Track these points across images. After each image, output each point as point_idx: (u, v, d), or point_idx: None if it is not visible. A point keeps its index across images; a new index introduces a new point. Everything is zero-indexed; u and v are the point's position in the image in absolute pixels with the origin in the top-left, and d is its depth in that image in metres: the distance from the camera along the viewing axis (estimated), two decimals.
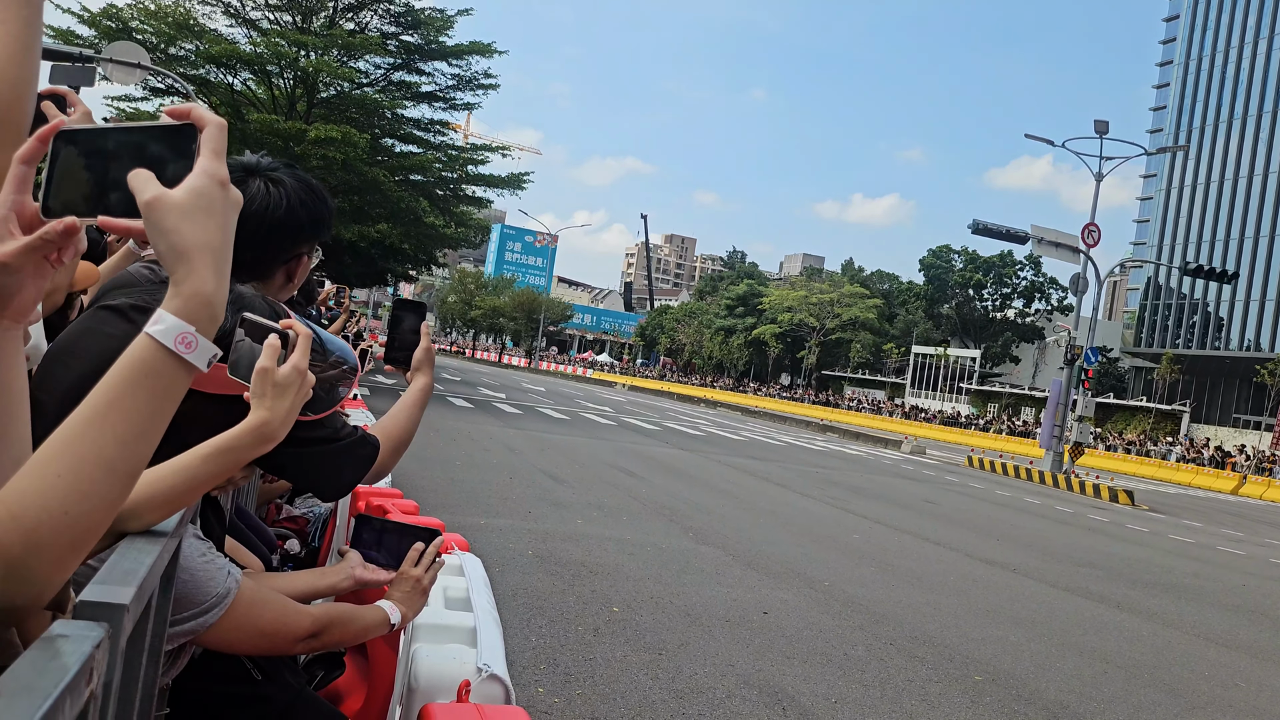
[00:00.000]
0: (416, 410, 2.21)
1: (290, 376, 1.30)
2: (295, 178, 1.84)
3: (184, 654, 1.58)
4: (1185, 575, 12.16)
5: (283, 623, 1.66)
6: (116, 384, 0.92)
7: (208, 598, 1.47)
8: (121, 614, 0.81)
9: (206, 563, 1.49)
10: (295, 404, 1.31)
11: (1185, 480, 41.60)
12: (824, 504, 14.43)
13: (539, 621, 5.97)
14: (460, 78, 35.57)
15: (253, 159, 1.85)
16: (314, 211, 1.85)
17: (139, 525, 1.13)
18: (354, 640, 1.94)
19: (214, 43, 30.50)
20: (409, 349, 2.32)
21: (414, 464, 12.18)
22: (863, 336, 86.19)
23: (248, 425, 1.28)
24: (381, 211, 34.52)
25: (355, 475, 1.91)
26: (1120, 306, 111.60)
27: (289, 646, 1.70)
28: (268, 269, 1.86)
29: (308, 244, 1.91)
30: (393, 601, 2.01)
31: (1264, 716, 6.15)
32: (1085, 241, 29.29)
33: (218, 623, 1.49)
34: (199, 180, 0.93)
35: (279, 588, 1.90)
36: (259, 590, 1.61)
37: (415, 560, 2.09)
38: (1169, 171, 79.20)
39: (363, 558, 2.13)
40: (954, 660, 6.43)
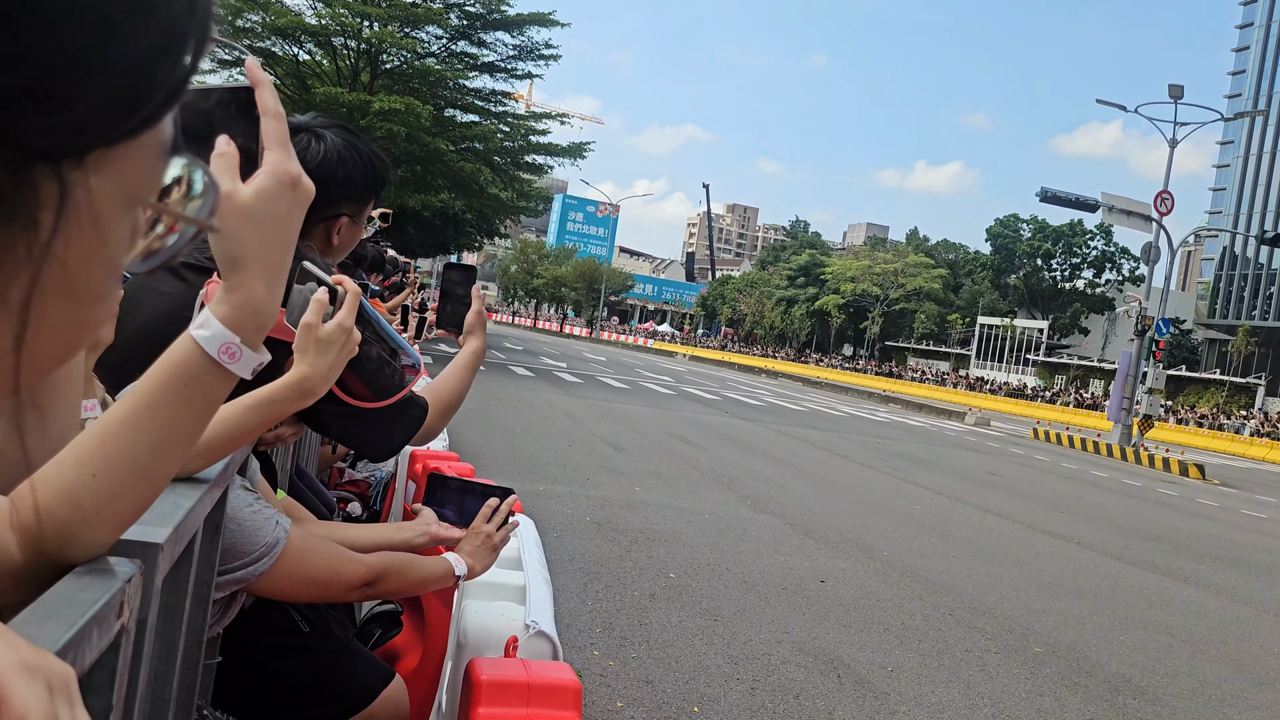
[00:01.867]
0: (467, 373, 2.21)
1: (335, 333, 1.29)
2: (343, 137, 1.85)
3: (235, 603, 1.61)
4: (1256, 551, 11.89)
5: (335, 571, 1.68)
6: (155, 387, 0.90)
7: (256, 547, 1.50)
8: (156, 552, 0.83)
9: (254, 513, 1.51)
10: (339, 361, 1.31)
11: (1259, 455, 40.59)
12: (884, 475, 14.32)
13: (595, 586, 6.02)
14: (521, 48, 35.58)
15: (306, 118, 1.86)
16: (351, 170, 1.85)
17: (183, 473, 1.14)
18: (413, 590, 1.95)
19: (280, 14, 30.83)
20: (461, 312, 2.32)
21: (475, 431, 12.31)
22: (927, 307, 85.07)
23: (290, 379, 1.29)
24: (444, 181, 34.76)
25: (404, 435, 1.92)
26: (1194, 277, 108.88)
27: (344, 594, 1.73)
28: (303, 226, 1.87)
29: (348, 205, 1.91)
30: (462, 554, 2.03)
31: None
32: (1158, 209, 28.54)
33: (268, 571, 1.51)
34: (267, 181, 0.89)
35: (351, 539, 1.93)
36: (309, 539, 1.64)
37: (488, 517, 2.11)
38: (1247, 138, 76.85)
39: (436, 516, 2.16)
40: (1014, 632, 6.36)
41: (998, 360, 78.74)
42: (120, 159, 0.41)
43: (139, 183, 0.44)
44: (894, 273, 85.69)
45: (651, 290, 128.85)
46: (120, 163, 0.41)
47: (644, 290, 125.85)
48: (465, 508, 2.17)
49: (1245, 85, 78.34)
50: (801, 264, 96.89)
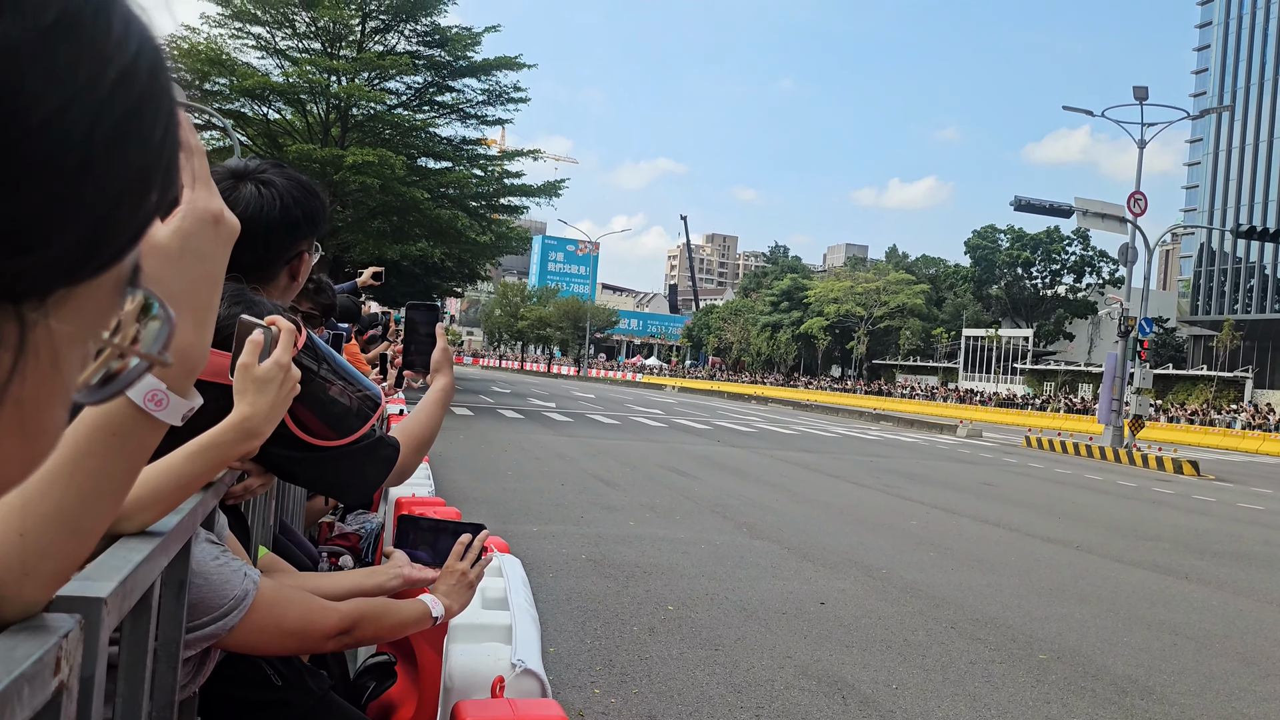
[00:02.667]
0: (438, 409, 2.20)
1: (272, 372, 1.28)
2: (285, 176, 1.85)
3: (209, 660, 1.58)
4: (1255, 543, 11.88)
5: (309, 621, 1.64)
6: (82, 439, 0.86)
7: (225, 600, 1.47)
8: (99, 607, 0.80)
9: (220, 565, 1.48)
10: (280, 399, 1.29)
11: (1252, 448, 40.69)
12: (879, 492, 14.29)
13: (594, 624, 5.96)
14: (490, 93, 35.80)
15: (241, 163, 1.86)
16: (308, 207, 1.86)
17: (132, 527, 1.12)
18: (391, 635, 1.92)
19: (246, 76, 30.96)
20: (426, 352, 2.31)
21: (466, 477, 12.25)
22: (911, 323, 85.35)
23: (230, 421, 1.27)
24: (422, 230, 34.82)
25: (378, 477, 1.90)
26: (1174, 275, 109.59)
27: (319, 644, 1.69)
28: (269, 270, 1.87)
29: (306, 240, 1.92)
30: (438, 595, 2.00)
31: None
32: (1131, 210, 28.76)
33: (239, 625, 1.48)
34: (187, 220, 0.86)
35: (323, 588, 1.90)
36: (281, 590, 1.61)
37: (461, 555, 2.09)
38: (1215, 135, 77.66)
39: (409, 558, 2.13)
40: (1017, 640, 6.33)
41: (985, 371, 78.95)
42: (80, 297, 0.40)
43: (97, 318, 0.43)
44: (876, 291, 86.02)
45: (637, 325, 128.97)
46: (80, 300, 0.41)
47: (629, 325, 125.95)
48: (438, 547, 2.15)
49: (1209, 83, 79.26)
50: (784, 289, 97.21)
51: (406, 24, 33.82)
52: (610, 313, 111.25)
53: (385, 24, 33.90)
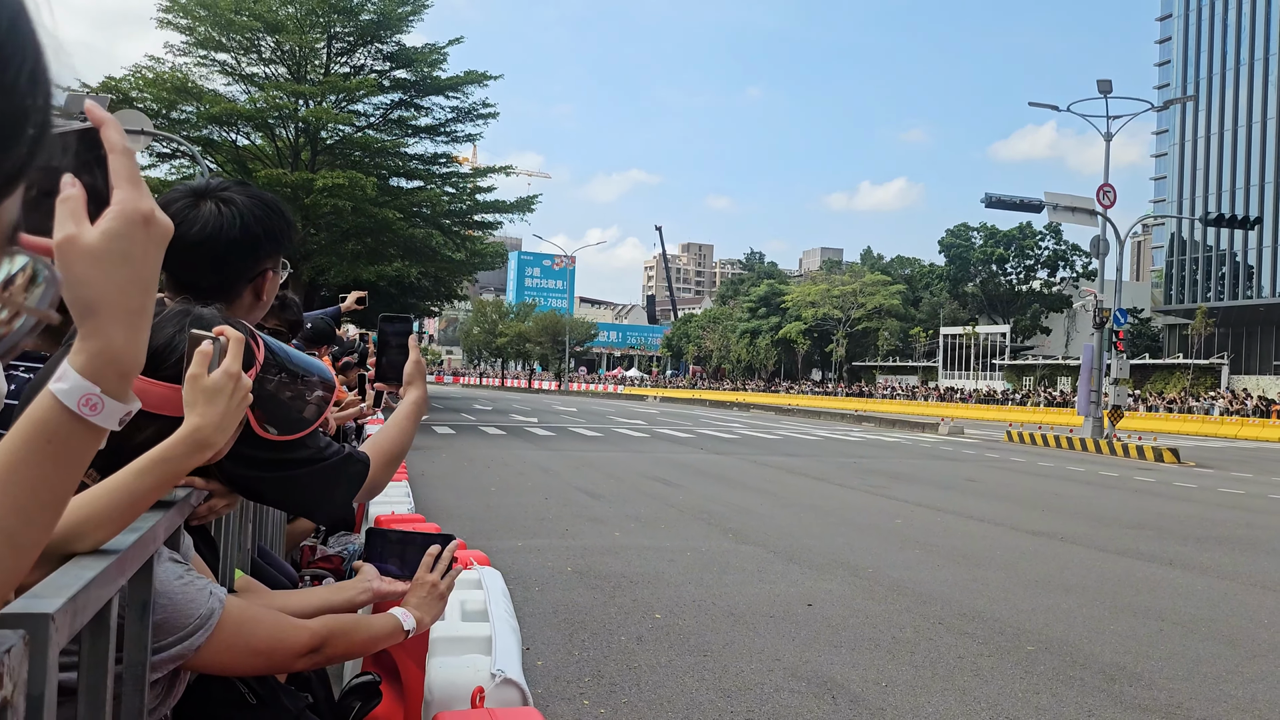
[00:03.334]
0: (409, 423, 2.18)
1: (220, 382, 1.26)
2: (247, 194, 1.83)
3: (179, 682, 1.56)
4: (1238, 527, 11.96)
5: (278, 639, 1.61)
6: (17, 448, 0.85)
7: (190, 620, 1.44)
8: (45, 623, 0.79)
9: (185, 585, 1.46)
10: (231, 410, 1.28)
11: (1230, 433, 41.03)
12: (864, 493, 14.32)
13: (581, 635, 5.94)
14: (459, 109, 35.79)
15: (202, 182, 1.85)
16: (269, 226, 1.84)
17: (85, 546, 1.10)
18: (364, 650, 1.90)
19: (214, 103, 30.86)
20: (398, 364, 2.29)
21: (449, 494, 12.20)
22: (889, 324, 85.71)
23: (181, 433, 1.25)
24: (396, 250, 34.75)
25: (347, 494, 1.89)
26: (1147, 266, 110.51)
27: (290, 663, 1.66)
28: (232, 289, 1.85)
29: (270, 259, 1.90)
30: (408, 608, 1.98)
31: None
32: (1100, 203, 28.99)
33: (206, 645, 1.46)
34: (116, 222, 0.84)
35: (291, 605, 1.87)
36: (248, 608, 1.58)
37: (430, 566, 2.07)
38: (1180, 125, 78.42)
39: (378, 571, 2.11)
40: (1005, 633, 6.34)
41: (964, 368, 79.31)
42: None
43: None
44: (853, 293, 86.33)
45: (616, 337, 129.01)
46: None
47: (608, 337, 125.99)
48: (407, 559, 2.12)
49: (1172, 74, 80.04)
50: (761, 295, 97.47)
51: (372, 45, 33.82)
52: (589, 326, 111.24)
53: (350, 45, 33.88)
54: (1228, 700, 5.09)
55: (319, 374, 1.73)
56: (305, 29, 31.60)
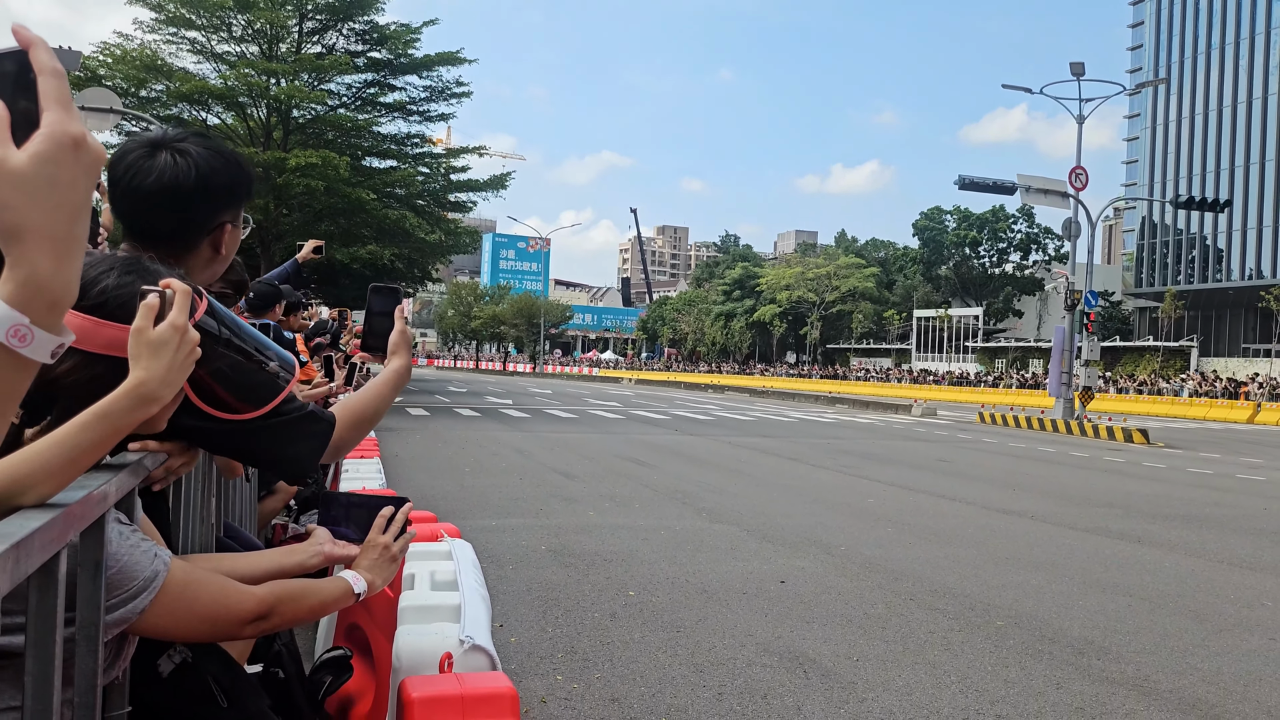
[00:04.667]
0: (388, 389, 2.15)
1: (166, 334, 1.24)
2: (204, 145, 1.80)
3: (128, 644, 1.53)
4: (1205, 505, 12.10)
5: (223, 605, 1.58)
6: None
7: (133, 581, 1.41)
8: None
9: (131, 546, 1.43)
10: (177, 363, 1.25)
11: (1199, 414, 41.49)
12: (837, 473, 14.38)
13: (555, 612, 5.93)
14: (433, 89, 35.52)
15: (159, 132, 1.81)
16: (226, 177, 1.80)
17: (29, 500, 1.07)
18: (313, 616, 1.86)
19: (184, 81, 30.44)
20: (384, 335, 2.27)
21: (424, 475, 12.17)
22: (863, 306, 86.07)
23: (124, 387, 1.23)
24: (370, 231, 34.50)
25: (311, 451, 1.85)
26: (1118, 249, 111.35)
27: (236, 629, 1.63)
28: (189, 242, 1.81)
29: (228, 212, 1.86)
30: (359, 570, 1.95)
31: None
32: (1073, 185, 29.15)
33: (150, 609, 1.43)
34: (45, 145, 0.81)
35: (240, 569, 1.84)
36: (193, 572, 1.54)
37: (383, 528, 2.04)
38: (1152, 109, 78.96)
39: (332, 535, 2.08)
40: (975, 609, 6.38)
41: (938, 351, 79.79)
42: None
43: None
44: (827, 276, 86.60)
45: (591, 319, 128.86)
46: None
47: (583, 320, 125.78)
48: (362, 523, 2.10)
49: (1144, 59, 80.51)
50: (736, 277, 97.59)
51: (344, 23, 33.44)
52: (564, 308, 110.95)
53: (323, 24, 33.50)
54: (1194, 673, 5.15)
55: (280, 355, 1.70)
56: (276, 6, 31.20)
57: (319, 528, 2.08)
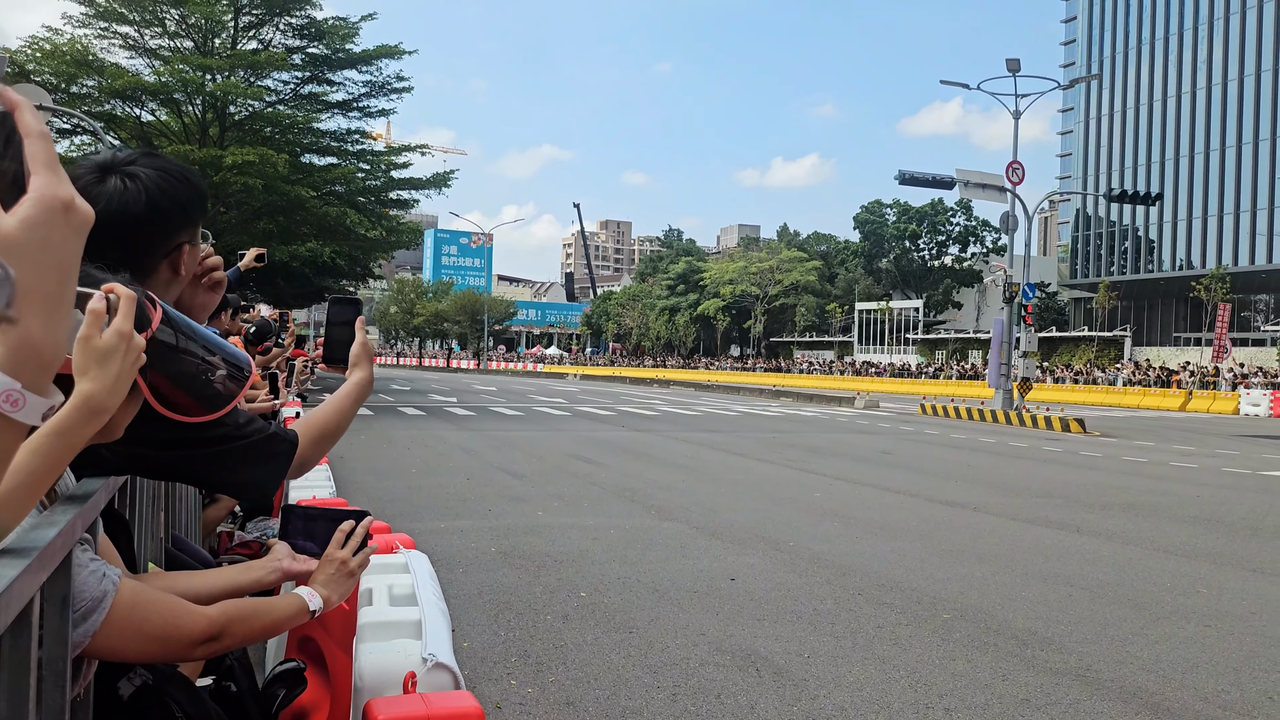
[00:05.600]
0: (350, 403, 2.13)
1: (112, 342, 1.18)
2: (154, 166, 1.77)
3: (86, 668, 1.51)
4: (1141, 494, 12.39)
5: (174, 625, 1.55)
6: None
7: (81, 603, 1.39)
8: None
9: (79, 567, 1.41)
10: (125, 371, 1.20)
11: (1133, 403, 42.44)
12: (783, 467, 14.51)
13: (507, 615, 5.93)
14: (372, 84, 35.15)
15: (108, 155, 1.78)
16: (177, 198, 1.78)
17: None
18: (266, 635, 1.84)
19: (116, 76, 29.80)
20: (345, 346, 2.26)
21: (370, 476, 12.07)
22: (806, 300, 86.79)
23: (72, 403, 1.18)
24: (310, 229, 34.08)
25: (272, 473, 1.84)
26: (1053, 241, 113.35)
27: (187, 650, 1.60)
28: (145, 265, 1.79)
29: (184, 232, 1.84)
30: (314, 586, 1.93)
31: (1225, 618, 6.27)
32: (1010, 180, 29.65)
33: (99, 630, 1.41)
34: (34, 209, 0.80)
35: (195, 587, 1.82)
36: (142, 591, 1.52)
37: (341, 542, 2.02)
38: (1085, 103, 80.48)
39: (292, 549, 2.07)
40: (921, 602, 6.49)
41: (879, 343, 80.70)
42: None
43: None
44: (770, 270, 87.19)
45: (535, 315, 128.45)
46: None
47: (527, 316, 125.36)
48: (321, 536, 2.08)
49: (1078, 54, 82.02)
50: (680, 272, 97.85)
51: (281, 18, 32.98)
52: (508, 304, 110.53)
53: (259, 19, 32.99)
54: (1134, 661, 5.28)
55: (233, 355, 1.69)
56: (211, 1, 30.67)
57: (279, 543, 2.06)
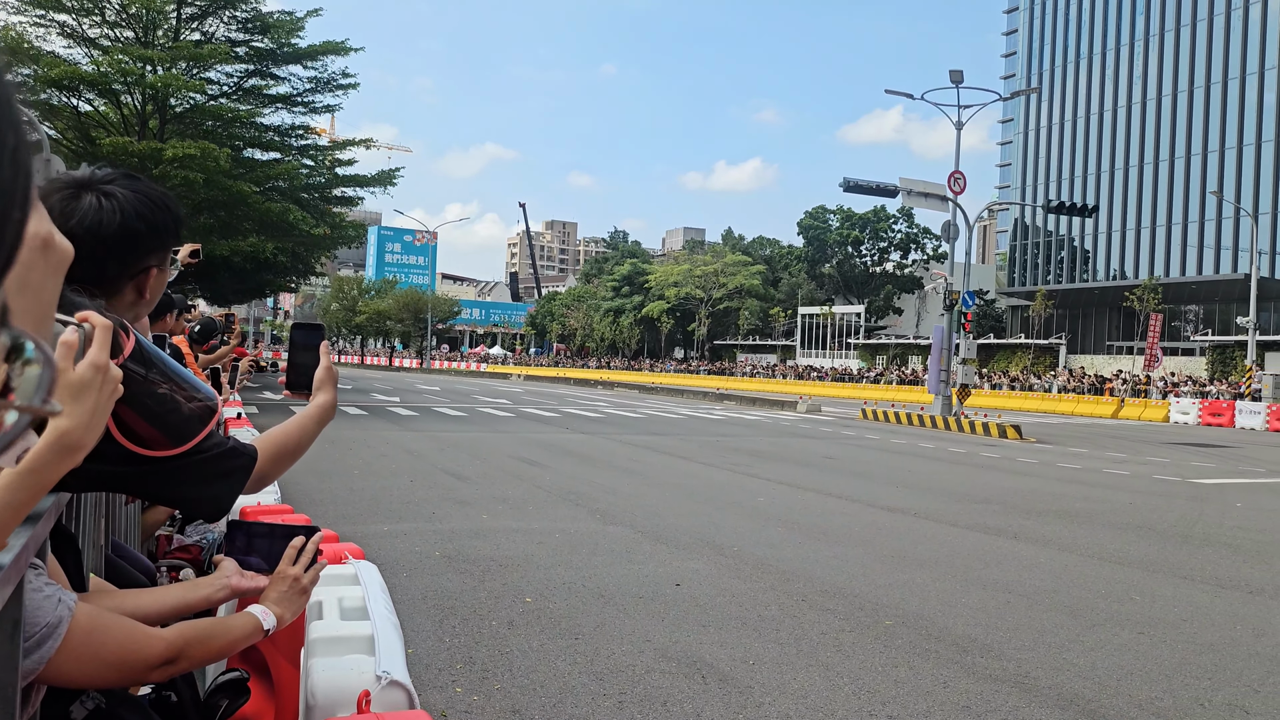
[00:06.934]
0: (313, 425, 2.10)
1: (88, 375, 1.14)
2: (131, 189, 1.74)
3: (34, 694, 1.48)
4: (1075, 500, 12.64)
5: (130, 650, 1.53)
6: None
7: (36, 629, 1.36)
8: None
9: (34, 591, 1.38)
10: (101, 404, 1.16)
11: (1068, 410, 43.26)
12: (727, 471, 14.58)
13: (452, 621, 5.89)
14: (317, 79, 34.74)
15: (86, 173, 1.75)
16: (152, 222, 1.75)
17: None
18: (222, 655, 1.82)
19: (52, 65, 29.09)
20: (309, 371, 2.22)
21: (311, 478, 11.91)
22: (749, 304, 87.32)
23: (46, 439, 1.15)
24: (251, 225, 33.57)
25: (229, 489, 1.82)
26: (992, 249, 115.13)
27: (142, 675, 1.58)
28: (112, 286, 1.76)
29: (154, 256, 1.81)
30: (267, 604, 1.91)
31: (1158, 625, 6.42)
32: (952, 189, 30.09)
33: (55, 657, 1.38)
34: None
35: (144, 606, 1.79)
36: (99, 616, 1.49)
37: (294, 559, 2.00)
38: (1025, 115, 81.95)
39: (240, 565, 2.04)
40: (864, 609, 6.56)
41: (821, 347, 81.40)
42: None
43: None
44: (714, 273, 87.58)
45: (479, 314, 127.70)
46: None
47: (471, 315, 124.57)
48: (270, 553, 2.06)
49: (1018, 65, 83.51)
50: (625, 274, 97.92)
51: (225, 10, 32.45)
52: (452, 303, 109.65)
53: (202, 10, 32.44)
54: (1070, 668, 5.39)
55: (204, 392, 1.67)
56: None
57: (226, 559, 2.03)
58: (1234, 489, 14.79)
